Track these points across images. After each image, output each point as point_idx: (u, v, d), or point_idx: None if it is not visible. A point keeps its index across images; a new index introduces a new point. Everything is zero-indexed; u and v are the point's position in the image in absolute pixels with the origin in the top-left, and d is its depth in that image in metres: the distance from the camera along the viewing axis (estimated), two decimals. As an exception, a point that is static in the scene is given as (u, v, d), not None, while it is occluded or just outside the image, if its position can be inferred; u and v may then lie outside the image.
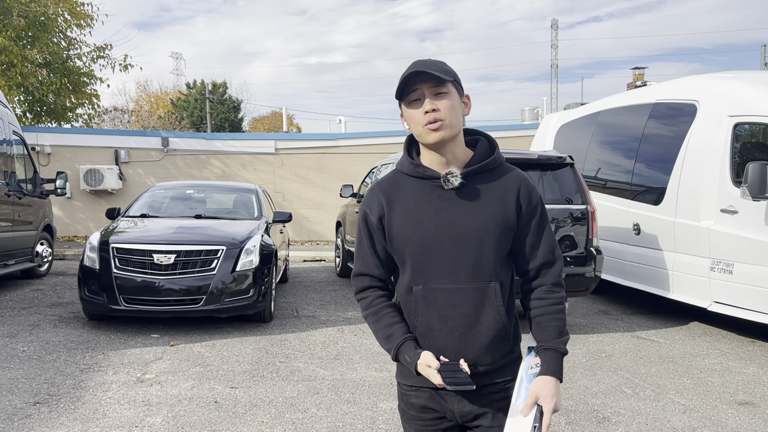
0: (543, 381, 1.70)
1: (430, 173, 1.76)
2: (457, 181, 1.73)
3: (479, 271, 1.73)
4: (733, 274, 6.18)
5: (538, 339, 1.77)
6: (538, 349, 1.76)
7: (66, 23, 14.55)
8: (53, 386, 4.55)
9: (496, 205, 1.75)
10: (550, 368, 1.72)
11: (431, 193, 1.76)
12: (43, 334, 6.04)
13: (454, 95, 1.73)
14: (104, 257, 6.23)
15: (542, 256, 1.80)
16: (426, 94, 1.70)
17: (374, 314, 1.83)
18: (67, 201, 14.18)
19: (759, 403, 4.50)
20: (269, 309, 6.73)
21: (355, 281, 1.89)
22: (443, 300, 1.73)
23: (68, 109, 15.41)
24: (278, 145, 15.25)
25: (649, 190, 7.56)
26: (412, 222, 1.75)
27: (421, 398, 1.81)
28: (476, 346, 1.74)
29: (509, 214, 1.75)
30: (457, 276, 1.73)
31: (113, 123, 33.26)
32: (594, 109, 9.26)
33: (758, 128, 6.41)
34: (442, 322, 1.74)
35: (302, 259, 12.43)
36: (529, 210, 1.78)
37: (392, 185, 1.83)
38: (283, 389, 4.60)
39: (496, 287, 1.74)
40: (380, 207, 1.81)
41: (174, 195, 8.26)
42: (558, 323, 1.77)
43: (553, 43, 51.54)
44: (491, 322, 1.74)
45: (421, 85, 1.70)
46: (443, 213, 1.74)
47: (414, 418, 1.84)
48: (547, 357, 1.73)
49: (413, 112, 1.72)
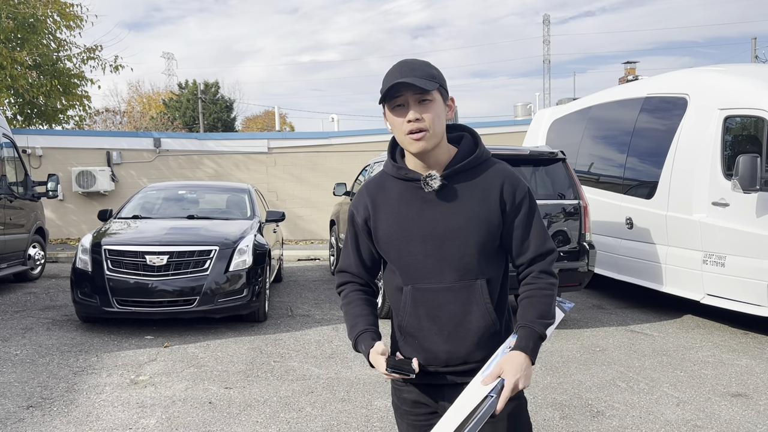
0: (511, 356, 1.67)
1: (412, 175, 1.76)
2: (436, 183, 1.72)
3: (464, 270, 1.73)
4: (725, 266, 6.20)
5: (519, 318, 1.76)
6: (516, 327, 1.75)
7: (55, 24, 14.48)
8: (46, 389, 4.53)
9: (478, 203, 1.73)
10: (521, 344, 1.69)
11: (414, 195, 1.76)
12: (36, 337, 6.01)
13: (439, 102, 1.70)
14: (97, 259, 6.21)
15: (534, 249, 1.78)
16: (410, 102, 1.67)
17: (346, 305, 1.88)
18: (59, 203, 14.11)
19: (752, 395, 4.52)
20: (263, 309, 6.72)
21: (337, 276, 1.96)
22: (431, 300, 1.75)
23: (59, 110, 15.35)
24: (271, 144, 15.22)
25: (641, 184, 7.58)
26: (396, 224, 1.77)
27: (413, 393, 1.83)
28: (466, 343, 1.75)
29: (492, 211, 1.74)
30: (443, 276, 1.74)
31: (105, 124, 33.14)
32: (586, 104, 9.28)
33: (748, 121, 6.43)
34: (430, 321, 1.76)
35: (296, 258, 12.42)
36: (514, 206, 1.76)
37: (378, 187, 1.84)
38: (278, 389, 4.59)
39: (482, 284, 1.74)
40: (366, 209, 1.83)
41: (166, 196, 8.23)
42: (541, 306, 1.74)
43: (545, 39, 51.61)
44: (479, 320, 1.74)
45: (406, 91, 1.66)
46: (426, 214, 1.74)
47: (407, 413, 1.87)
48: (522, 334, 1.71)
49: (396, 118, 1.70)
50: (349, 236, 1.90)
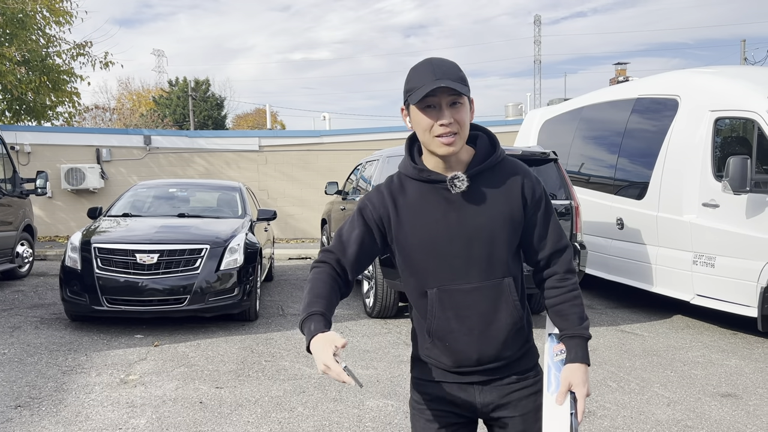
0: (573, 368, 1.74)
1: (435, 177, 1.74)
2: (464, 185, 1.71)
3: (492, 269, 1.74)
4: (715, 267, 6.24)
5: (562, 327, 1.80)
6: (562, 336, 1.80)
7: (45, 20, 14.32)
8: (35, 389, 4.49)
9: (502, 201, 1.75)
10: (579, 355, 1.75)
11: (437, 196, 1.75)
12: (24, 336, 5.95)
13: (467, 105, 1.70)
14: (86, 257, 6.16)
15: (551, 245, 1.81)
16: (442, 104, 1.65)
17: (315, 281, 1.75)
18: (48, 201, 13.99)
19: (741, 395, 4.56)
20: (254, 308, 6.69)
21: (321, 254, 1.84)
22: (459, 300, 1.74)
23: (48, 107, 15.18)
24: (262, 142, 15.16)
25: (632, 185, 7.61)
26: (420, 227, 1.75)
27: (441, 390, 1.81)
28: (496, 342, 1.75)
29: (515, 209, 1.76)
30: (471, 275, 1.73)
31: (95, 121, 32.91)
32: (577, 105, 9.31)
33: (738, 123, 6.48)
34: (459, 322, 1.74)
35: (287, 257, 12.39)
36: (534, 202, 1.79)
37: (398, 190, 1.80)
38: (269, 388, 4.57)
39: (510, 282, 1.76)
40: (385, 209, 1.78)
41: (157, 194, 8.17)
42: (578, 309, 1.79)
43: (536, 39, 51.76)
44: (507, 317, 1.75)
45: (440, 93, 1.65)
46: (451, 215, 1.73)
47: (427, 408, 1.82)
48: (574, 344, 1.77)
49: (425, 119, 1.67)
50: (352, 225, 1.81)
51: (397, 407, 4.22)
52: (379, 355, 5.49)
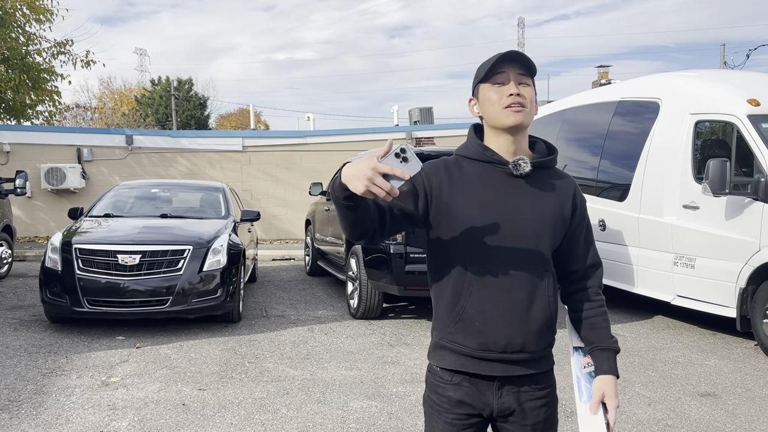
0: (605, 380, 1.82)
1: (498, 158, 1.77)
2: (527, 167, 1.75)
3: (534, 262, 1.77)
4: (695, 268, 6.32)
5: (593, 340, 1.87)
6: (592, 349, 1.87)
7: (25, 18, 14.12)
8: (14, 392, 4.42)
9: (555, 201, 1.81)
10: (611, 368, 1.83)
11: (496, 178, 1.77)
12: (3, 338, 5.87)
13: (533, 89, 1.79)
14: (67, 258, 6.08)
15: (591, 258, 1.89)
16: (512, 78, 1.74)
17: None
18: (28, 201, 13.80)
19: (721, 395, 4.62)
20: (237, 309, 6.65)
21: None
22: (498, 284, 1.74)
23: (28, 106, 14.97)
24: (246, 142, 15.09)
25: (614, 187, 7.68)
26: (474, 203, 1.75)
27: (460, 392, 1.79)
28: (526, 332, 1.76)
29: (566, 212, 1.82)
30: (513, 262, 1.75)
31: (75, 120, 32.52)
32: (560, 107, 9.38)
33: (718, 126, 6.57)
34: (494, 304, 1.74)
35: (271, 257, 12.33)
36: (581, 211, 1.87)
37: (455, 165, 1.82)
38: (252, 390, 4.55)
39: (548, 279, 1.79)
40: (438, 178, 1.77)
41: (139, 194, 8.10)
42: (608, 324, 1.89)
43: (519, 42, 52.10)
44: (541, 312, 1.77)
45: (509, 69, 1.74)
46: (509, 199, 1.76)
47: (445, 411, 1.80)
48: (605, 357, 1.85)
49: (494, 93, 1.75)
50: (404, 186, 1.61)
51: (381, 408, 4.22)
52: (363, 356, 5.48)
